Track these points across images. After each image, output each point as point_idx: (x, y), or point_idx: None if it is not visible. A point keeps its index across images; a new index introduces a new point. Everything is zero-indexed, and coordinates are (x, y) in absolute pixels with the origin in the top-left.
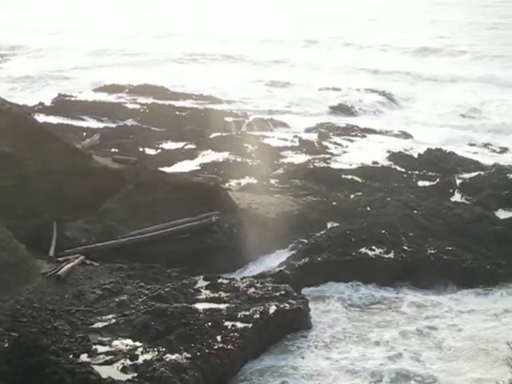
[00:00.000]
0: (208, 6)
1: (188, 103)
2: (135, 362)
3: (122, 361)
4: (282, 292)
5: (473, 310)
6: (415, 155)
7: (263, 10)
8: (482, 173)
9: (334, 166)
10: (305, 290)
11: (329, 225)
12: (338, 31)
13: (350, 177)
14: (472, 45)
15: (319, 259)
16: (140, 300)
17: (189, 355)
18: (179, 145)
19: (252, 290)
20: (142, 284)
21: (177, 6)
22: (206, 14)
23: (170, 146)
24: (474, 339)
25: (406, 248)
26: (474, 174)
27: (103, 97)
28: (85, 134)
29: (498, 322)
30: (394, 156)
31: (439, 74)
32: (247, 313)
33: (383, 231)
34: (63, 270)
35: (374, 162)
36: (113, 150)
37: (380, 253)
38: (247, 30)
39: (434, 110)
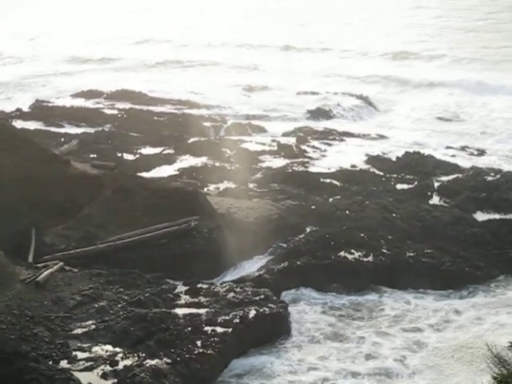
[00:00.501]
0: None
1: (166, 108)
2: (115, 367)
3: (102, 367)
4: (262, 296)
5: (455, 311)
6: (393, 158)
7: (240, 14)
8: (460, 175)
9: (312, 169)
10: (285, 294)
11: (308, 229)
12: (315, 36)
13: (328, 180)
14: (450, 48)
15: (298, 263)
16: (119, 306)
17: (169, 360)
18: (157, 150)
19: (231, 294)
20: (121, 290)
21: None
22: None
23: (148, 151)
24: (458, 340)
25: (385, 251)
26: (452, 177)
27: (81, 102)
28: (63, 139)
29: (479, 323)
30: (373, 159)
31: (418, 78)
32: (227, 317)
33: (362, 235)
34: (42, 276)
35: (353, 166)
36: (91, 155)
37: (359, 256)
38: (227, 34)
39: (413, 113)
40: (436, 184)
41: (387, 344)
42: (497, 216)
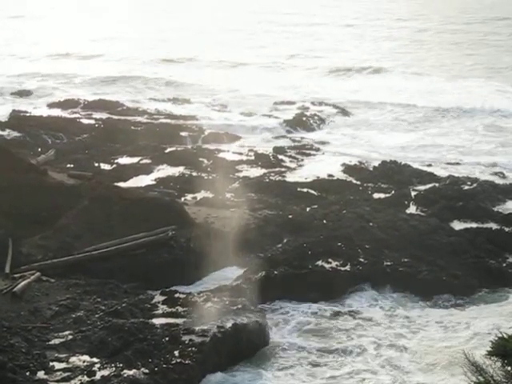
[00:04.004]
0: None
1: (143, 118)
2: (93, 378)
3: (80, 377)
4: (239, 306)
5: (432, 318)
6: (370, 168)
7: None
8: (437, 184)
9: (289, 179)
10: (263, 304)
11: (285, 238)
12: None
13: (305, 190)
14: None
15: (276, 273)
16: (97, 316)
17: (147, 371)
18: (135, 160)
19: (209, 304)
20: (98, 300)
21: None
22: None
23: (125, 160)
24: (435, 348)
25: (363, 260)
26: (428, 186)
27: (58, 112)
28: (40, 149)
29: (457, 330)
30: (350, 169)
31: (392, 90)
32: (205, 327)
33: (339, 244)
34: (19, 286)
35: (330, 175)
36: (68, 165)
37: (336, 265)
38: (204, 50)
39: (389, 122)
40: (413, 193)
41: (370, 353)
42: (473, 225)
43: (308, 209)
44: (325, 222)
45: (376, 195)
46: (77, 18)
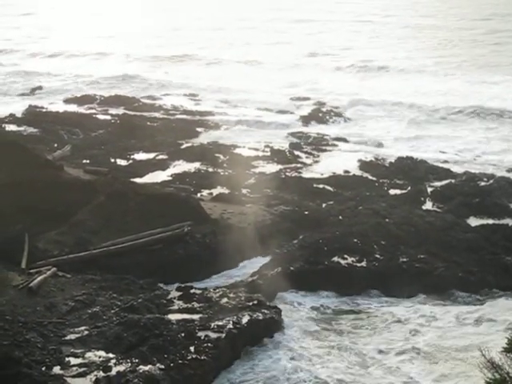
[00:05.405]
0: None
1: (159, 114)
2: (108, 373)
3: (95, 373)
4: (255, 302)
5: (448, 317)
6: (386, 164)
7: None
8: (453, 181)
9: (305, 175)
10: (277, 300)
11: (301, 234)
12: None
13: (321, 186)
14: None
15: (292, 268)
16: (112, 311)
17: (162, 366)
18: (151, 155)
19: (225, 300)
20: (114, 295)
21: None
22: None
23: (141, 156)
24: (451, 346)
25: (378, 256)
26: (445, 182)
27: (74, 108)
28: (56, 145)
29: (472, 328)
30: (366, 165)
31: (411, 87)
32: (220, 323)
33: (355, 240)
34: (35, 282)
35: (346, 171)
36: (84, 161)
37: (352, 261)
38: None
39: (407, 119)
40: (429, 189)
41: (378, 349)
42: (490, 221)
43: (324, 205)
44: (341, 218)
45: (392, 191)
46: (88, 14)
